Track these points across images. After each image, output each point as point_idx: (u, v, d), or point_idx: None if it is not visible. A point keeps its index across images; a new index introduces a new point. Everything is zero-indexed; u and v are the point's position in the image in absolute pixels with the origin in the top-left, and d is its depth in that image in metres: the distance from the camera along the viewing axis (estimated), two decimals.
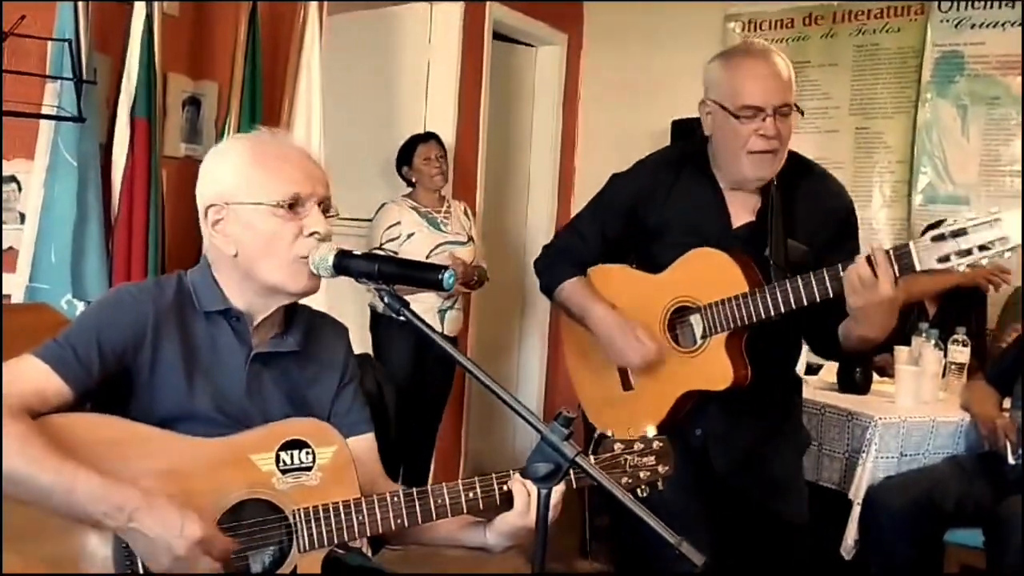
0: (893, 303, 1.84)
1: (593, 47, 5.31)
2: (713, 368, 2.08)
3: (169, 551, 1.32)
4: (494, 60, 4.75)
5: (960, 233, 1.74)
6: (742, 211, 2.14)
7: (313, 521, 1.46)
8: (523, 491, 1.49)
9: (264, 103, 3.23)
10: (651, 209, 2.17)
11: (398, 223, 3.82)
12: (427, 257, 3.76)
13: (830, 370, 3.31)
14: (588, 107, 5.33)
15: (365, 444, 1.65)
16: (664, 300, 2.14)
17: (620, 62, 5.05)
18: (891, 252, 1.80)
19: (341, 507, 1.47)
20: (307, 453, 1.49)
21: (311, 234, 1.49)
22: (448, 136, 4.33)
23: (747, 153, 2.04)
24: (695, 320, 2.10)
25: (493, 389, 1.34)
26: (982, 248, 1.73)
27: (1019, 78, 4.04)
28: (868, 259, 1.81)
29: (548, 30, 5.10)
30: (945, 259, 1.75)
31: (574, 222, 2.38)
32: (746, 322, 2.01)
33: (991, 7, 4.14)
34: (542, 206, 5.24)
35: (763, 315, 1.99)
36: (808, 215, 2.11)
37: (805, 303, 1.93)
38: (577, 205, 2.43)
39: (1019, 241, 1.71)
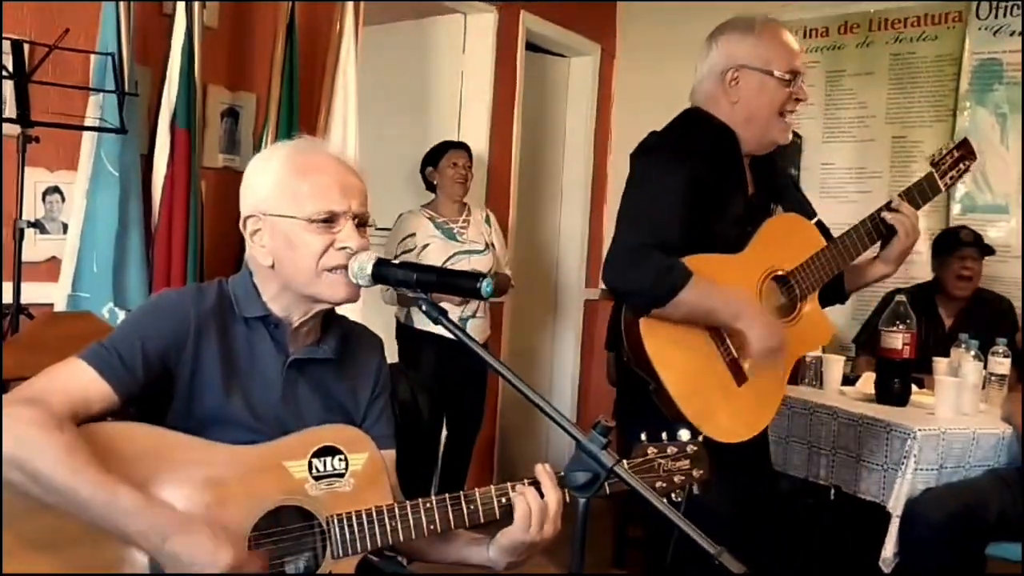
0: None
1: (626, 57, 5.31)
2: (817, 328, 2.26)
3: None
4: (527, 70, 4.77)
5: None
6: (749, 178, 2.27)
7: (346, 527, 1.47)
8: (524, 504, 1.48)
9: (301, 114, 3.27)
10: (709, 191, 2.11)
11: (413, 234, 3.87)
12: (457, 266, 3.78)
13: (867, 381, 3.27)
14: (621, 117, 5.33)
15: (387, 460, 1.64)
16: (754, 277, 2.16)
17: (653, 71, 5.04)
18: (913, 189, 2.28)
19: (374, 513, 1.48)
20: (340, 460, 1.50)
21: (342, 248, 1.50)
22: (482, 146, 4.35)
23: (780, 117, 2.18)
24: (788, 287, 2.21)
25: (533, 399, 1.34)
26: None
27: None
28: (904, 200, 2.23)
29: (581, 40, 5.11)
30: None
31: (640, 220, 2.09)
32: (832, 274, 2.22)
33: None
34: (575, 216, 5.24)
35: (846, 263, 2.24)
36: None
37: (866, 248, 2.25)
38: (610, 214, 2.41)
39: None
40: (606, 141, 5.35)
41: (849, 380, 3.39)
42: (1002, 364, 3.23)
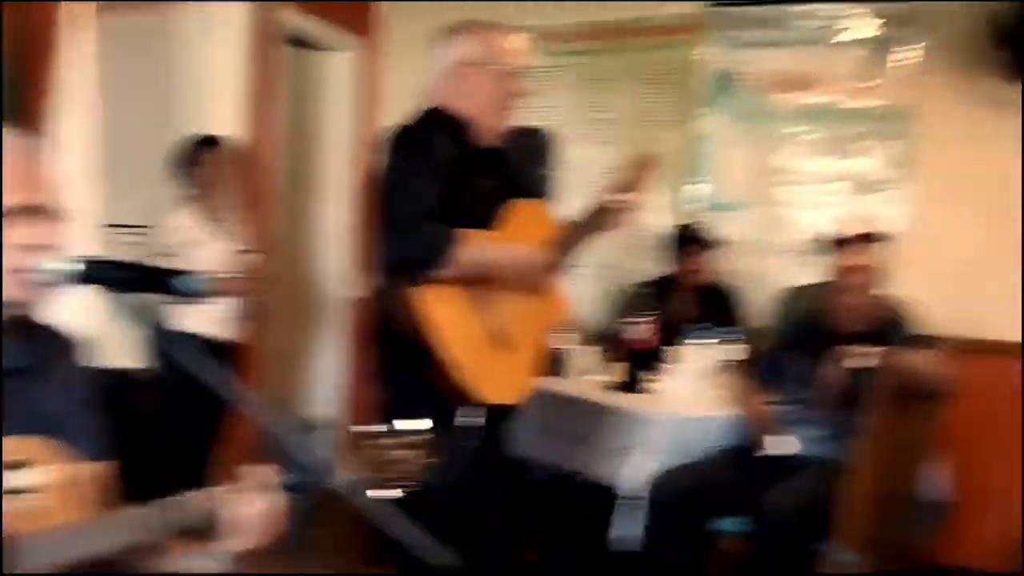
0: None
1: (393, 51, 5.29)
2: (557, 305, 2.55)
3: None
4: (290, 65, 4.67)
5: None
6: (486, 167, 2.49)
7: (34, 545, 1.35)
8: (232, 512, 1.43)
9: (19, 107, 3.01)
10: (452, 177, 2.37)
11: (189, 230, 3.71)
12: (222, 265, 3.66)
13: (610, 370, 3.40)
14: (388, 112, 5.30)
15: (92, 473, 1.52)
16: None
17: (419, 66, 5.04)
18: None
19: (67, 528, 1.38)
20: (29, 473, 1.39)
21: (27, 245, 1.38)
22: (237, 141, 4.21)
23: (505, 108, 2.46)
24: None
25: (237, 400, 1.30)
26: None
27: (786, 95, 4.34)
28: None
29: (345, 35, 5.06)
30: None
31: (403, 196, 2.33)
32: (567, 255, 2.50)
33: (762, 30, 4.41)
34: (338, 213, 5.18)
35: (575, 248, 2.51)
36: None
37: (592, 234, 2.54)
38: None
39: None
40: (373, 136, 5.30)
41: (594, 370, 3.53)
42: (730, 350, 3.46)
